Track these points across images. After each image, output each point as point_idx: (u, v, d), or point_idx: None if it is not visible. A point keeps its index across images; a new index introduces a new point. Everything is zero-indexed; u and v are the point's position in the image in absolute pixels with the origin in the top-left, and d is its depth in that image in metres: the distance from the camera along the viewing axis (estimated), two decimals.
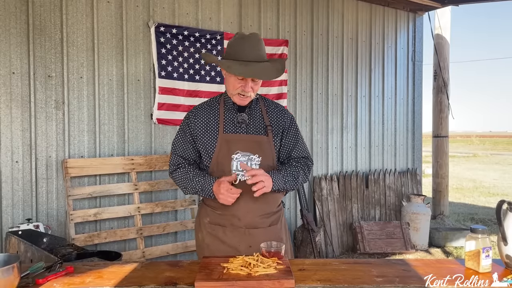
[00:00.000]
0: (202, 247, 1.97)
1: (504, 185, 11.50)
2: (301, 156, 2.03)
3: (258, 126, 1.94)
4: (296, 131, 2.03)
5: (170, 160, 2.01)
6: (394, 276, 1.49)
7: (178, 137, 1.99)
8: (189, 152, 1.96)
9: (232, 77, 1.87)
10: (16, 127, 3.26)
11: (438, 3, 5.70)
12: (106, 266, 1.61)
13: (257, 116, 1.96)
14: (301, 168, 1.97)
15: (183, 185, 1.94)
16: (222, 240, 1.90)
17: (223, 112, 1.94)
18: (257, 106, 1.98)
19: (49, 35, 3.38)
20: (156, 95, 3.82)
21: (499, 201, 1.54)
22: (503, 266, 1.57)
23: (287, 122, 2.00)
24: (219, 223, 1.92)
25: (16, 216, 3.25)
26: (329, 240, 4.85)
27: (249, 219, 1.88)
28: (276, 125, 1.97)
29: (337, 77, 5.15)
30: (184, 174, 1.92)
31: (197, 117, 1.95)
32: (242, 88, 1.85)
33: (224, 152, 1.88)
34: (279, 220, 1.99)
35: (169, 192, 3.91)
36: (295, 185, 1.94)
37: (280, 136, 1.98)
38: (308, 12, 4.88)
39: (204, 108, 1.99)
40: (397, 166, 5.72)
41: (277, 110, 2.01)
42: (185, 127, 1.97)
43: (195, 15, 4.07)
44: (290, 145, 2.00)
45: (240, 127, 1.91)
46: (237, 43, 1.86)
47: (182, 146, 1.97)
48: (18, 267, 1.32)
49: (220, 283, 1.37)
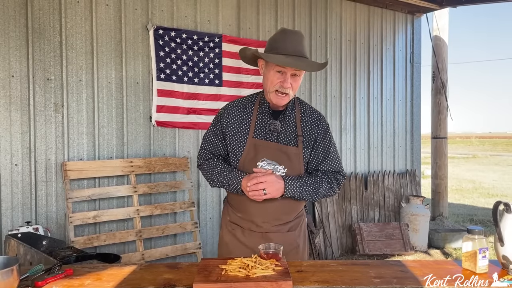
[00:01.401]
0: (221, 244, 1.98)
1: (504, 186, 11.51)
2: (331, 170, 1.91)
3: (290, 136, 1.86)
4: (328, 143, 1.91)
5: (199, 153, 2.01)
6: (391, 277, 1.50)
7: (210, 132, 1.97)
8: (218, 149, 1.94)
9: (270, 72, 1.79)
10: (16, 130, 3.27)
11: (436, 4, 5.72)
12: (105, 269, 1.61)
13: (290, 124, 1.87)
14: (327, 180, 1.86)
15: (210, 178, 1.92)
16: (240, 241, 1.90)
17: (256, 115, 1.88)
18: (292, 113, 1.90)
19: (48, 38, 3.39)
20: (154, 98, 3.83)
21: (496, 202, 1.55)
22: (499, 266, 1.58)
23: (320, 133, 1.89)
24: (238, 223, 1.92)
25: (16, 219, 3.26)
26: (328, 241, 4.85)
27: (268, 227, 1.87)
28: (308, 136, 1.87)
29: (335, 79, 5.17)
30: (213, 167, 1.90)
31: (230, 116, 1.91)
32: (280, 84, 1.77)
33: (251, 156, 1.84)
34: (298, 226, 1.95)
35: (168, 194, 3.92)
36: (314, 196, 1.84)
37: (311, 147, 1.88)
38: (306, 14, 4.90)
39: (239, 106, 1.93)
40: (396, 168, 5.73)
41: (313, 118, 1.91)
42: (217, 123, 1.93)
43: (194, 18, 4.09)
44: (320, 157, 1.90)
45: (272, 134, 1.85)
46: (279, 37, 1.80)
47: (212, 141, 1.95)
48: (17, 270, 1.33)
49: (218, 285, 1.37)
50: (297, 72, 1.79)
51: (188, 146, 4.07)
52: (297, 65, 1.74)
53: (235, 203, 1.93)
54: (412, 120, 5.90)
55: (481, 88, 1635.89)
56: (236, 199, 1.90)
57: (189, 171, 3.97)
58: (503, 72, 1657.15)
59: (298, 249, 1.93)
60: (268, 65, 1.82)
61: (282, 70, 1.77)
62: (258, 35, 4.49)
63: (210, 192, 4.21)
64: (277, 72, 1.78)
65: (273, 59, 1.74)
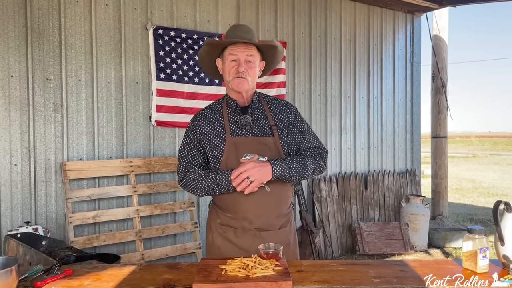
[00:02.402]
0: (213, 249, 1.96)
1: (504, 185, 11.51)
2: (312, 147, 1.98)
3: (263, 127, 1.92)
4: (301, 123, 1.99)
5: (178, 168, 1.98)
6: (391, 277, 1.50)
7: (185, 144, 1.97)
8: (197, 158, 1.94)
9: (226, 63, 1.90)
10: (15, 130, 3.27)
11: (436, 4, 5.71)
12: (105, 269, 1.61)
13: (261, 117, 1.94)
14: (311, 155, 1.92)
15: (196, 187, 1.90)
16: (233, 242, 1.89)
17: (227, 115, 1.93)
18: (259, 106, 1.97)
19: (47, 38, 3.38)
20: (154, 97, 3.82)
21: (496, 201, 1.55)
22: (500, 266, 1.57)
23: (291, 117, 1.97)
24: (230, 224, 1.91)
25: (15, 219, 3.26)
26: (328, 241, 4.85)
27: (260, 222, 1.87)
28: (281, 123, 1.95)
29: (335, 78, 5.16)
30: (196, 176, 1.89)
31: (201, 122, 1.94)
32: (236, 70, 1.87)
33: (232, 155, 1.86)
34: (288, 222, 1.97)
35: (168, 194, 3.92)
36: (303, 172, 1.87)
37: (286, 133, 1.95)
38: (306, 14, 4.90)
39: (208, 112, 1.98)
40: (396, 167, 5.73)
41: (280, 106, 1.99)
42: (191, 133, 1.95)
43: (193, 18, 4.08)
44: (298, 138, 1.96)
45: (245, 129, 1.90)
46: (229, 30, 1.96)
47: (189, 152, 1.95)
48: (16, 270, 1.32)
49: (217, 285, 1.37)
50: (250, 58, 1.88)
51: None
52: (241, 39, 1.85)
53: (224, 204, 1.92)
54: (412, 120, 5.90)
55: (480, 88, 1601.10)
56: (226, 200, 1.90)
57: None
58: (503, 71, 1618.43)
59: (290, 245, 1.93)
60: (223, 60, 1.93)
61: (235, 57, 1.88)
62: (258, 35, 4.48)
63: None
64: (231, 61, 1.89)
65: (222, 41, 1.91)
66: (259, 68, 1.96)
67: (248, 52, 1.88)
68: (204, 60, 2.02)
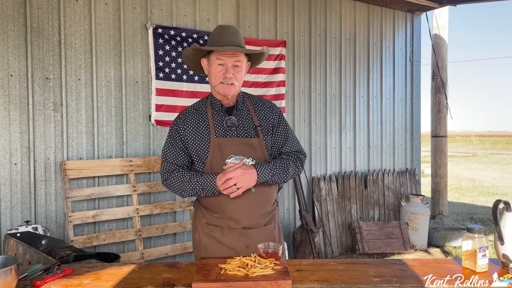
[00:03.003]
0: (200, 248, 1.96)
1: (503, 184, 11.51)
2: (292, 150, 2.02)
3: (248, 128, 1.92)
4: (285, 127, 2.03)
5: (162, 168, 1.97)
6: (391, 276, 1.50)
7: (168, 144, 1.97)
8: (181, 159, 1.94)
9: (212, 66, 1.89)
10: (15, 129, 3.27)
11: (436, 3, 5.71)
12: (104, 268, 1.61)
13: (246, 117, 1.95)
14: (292, 160, 1.96)
15: (180, 189, 1.90)
16: (219, 241, 1.90)
17: (212, 115, 1.93)
18: (244, 106, 1.97)
19: (47, 37, 3.38)
20: (153, 97, 3.82)
21: (495, 200, 1.55)
22: (499, 265, 1.57)
23: (276, 119, 2.00)
24: (216, 224, 1.92)
25: (15, 218, 3.26)
26: (328, 240, 4.85)
27: (247, 221, 1.88)
28: (266, 124, 1.96)
29: (335, 77, 5.16)
30: (180, 178, 1.89)
31: (186, 123, 1.94)
32: (223, 75, 1.86)
33: (217, 156, 1.86)
34: (273, 219, 2.01)
35: (167, 194, 3.91)
36: (285, 177, 1.92)
37: (271, 134, 1.97)
38: (306, 13, 4.89)
39: (191, 112, 1.98)
40: (396, 166, 5.73)
41: (265, 107, 2.01)
42: (175, 133, 1.95)
43: (193, 17, 4.08)
44: (281, 141, 2.00)
45: (231, 130, 1.90)
46: (215, 33, 1.93)
47: (173, 153, 1.94)
48: (15, 269, 1.32)
49: (217, 284, 1.37)
50: (238, 63, 1.88)
51: None
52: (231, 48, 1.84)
53: (210, 205, 1.92)
54: (412, 119, 5.90)
55: (481, 87, 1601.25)
56: (211, 200, 1.90)
57: None
58: (502, 71, 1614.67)
59: (275, 241, 1.95)
60: (209, 62, 1.92)
61: (222, 62, 1.87)
62: (258, 34, 4.48)
63: None
64: (218, 65, 1.87)
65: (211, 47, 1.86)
66: (245, 70, 1.96)
67: (236, 58, 1.88)
68: (188, 58, 2.02)
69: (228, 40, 1.86)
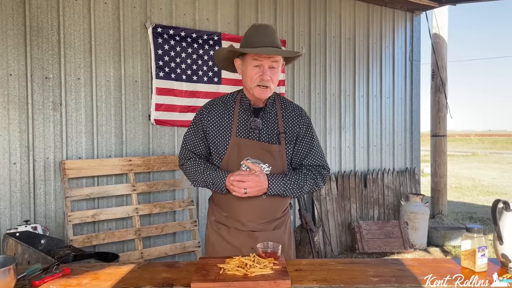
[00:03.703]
0: (208, 244, 1.99)
1: (503, 184, 11.52)
2: (315, 164, 1.94)
3: (271, 133, 1.87)
4: (311, 138, 1.94)
5: (180, 153, 1.99)
6: (390, 276, 1.50)
7: (190, 132, 1.96)
8: (200, 148, 1.93)
9: (248, 68, 1.82)
10: (14, 128, 3.26)
11: (435, 2, 5.70)
12: (103, 268, 1.61)
13: (272, 122, 1.89)
14: (311, 176, 1.89)
15: (192, 177, 1.91)
16: (226, 240, 1.90)
17: (238, 113, 1.89)
18: (272, 109, 1.91)
19: (46, 37, 3.38)
20: (153, 96, 3.82)
21: (495, 200, 1.55)
22: (499, 265, 1.57)
23: (302, 128, 1.92)
24: (224, 223, 1.92)
25: (14, 217, 3.25)
26: (327, 240, 4.85)
27: (254, 225, 1.87)
28: (291, 132, 1.89)
29: (334, 77, 5.16)
30: (195, 167, 1.89)
31: (210, 114, 1.90)
32: (260, 78, 1.79)
33: (234, 155, 1.84)
34: (283, 224, 1.96)
35: (167, 193, 3.91)
36: (298, 193, 1.86)
37: (294, 143, 1.91)
38: (305, 12, 4.89)
39: (219, 105, 1.93)
40: (396, 166, 5.73)
41: (294, 114, 1.93)
42: (198, 122, 1.93)
43: (193, 16, 4.08)
44: (304, 152, 1.92)
45: (253, 132, 1.85)
46: (251, 32, 1.85)
47: (193, 141, 1.94)
48: (14, 269, 1.32)
49: (216, 284, 1.37)
50: (274, 64, 1.82)
51: None
52: (272, 51, 1.77)
53: (220, 203, 1.93)
54: (412, 118, 5.90)
55: (481, 86, 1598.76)
56: (221, 198, 1.90)
57: None
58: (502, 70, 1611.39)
59: (284, 247, 1.92)
60: (245, 62, 1.84)
61: (259, 64, 1.80)
62: None
63: (209, 190, 4.18)
64: (254, 67, 1.81)
65: (254, 50, 1.78)
66: (280, 70, 1.91)
67: (273, 58, 1.81)
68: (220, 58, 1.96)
69: (266, 41, 1.79)
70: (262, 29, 1.84)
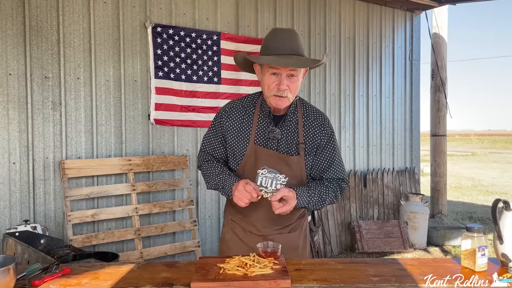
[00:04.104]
0: (223, 241, 1.99)
1: (503, 183, 11.52)
2: (336, 178, 1.86)
3: (290, 144, 1.80)
4: (332, 150, 1.85)
5: (198, 154, 1.98)
6: (390, 275, 1.49)
7: (210, 134, 1.92)
8: (218, 151, 1.90)
9: (265, 75, 1.73)
10: (13, 128, 3.26)
11: (435, 2, 5.70)
12: (103, 267, 1.60)
13: (291, 132, 1.81)
14: (332, 190, 1.82)
15: (207, 180, 1.89)
16: (241, 239, 1.90)
17: (258, 119, 1.82)
18: (293, 118, 1.82)
19: (45, 36, 3.37)
20: (152, 96, 3.81)
21: (495, 199, 1.55)
22: (499, 264, 1.57)
23: (323, 140, 1.83)
24: (239, 223, 1.91)
25: (14, 217, 3.25)
26: (327, 239, 4.85)
27: (268, 230, 1.86)
28: (311, 142, 1.81)
29: (334, 76, 5.16)
30: (210, 170, 1.87)
31: (230, 118, 1.85)
32: (277, 87, 1.70)
33: (251, 162, 1.80)
34: (299, 227, 1.93)
35: (167, 193, 3.91)
36: (319, 206, 1.80)
37: (314, 153, 1.83)
38: (305, 12, 4.88)
39: (239, 108, 1.86)
40: (395, 165, 5.73)
41: (316, 124, 1.83)
42: (217, 125, 1.88)
43: (192, 16, 4.07)
44: (324, 165, 1.84)
45: (271, 142, 1.79)
46: (270, 37, 1.75)
47: (212, 143, 1.91)
48: (14, 269, 1.32)
49: (216, 283, 1.37)
50: (294, 72, 1.71)
51: (187, 144, 4.06)
52: (287, 63, 1.67)
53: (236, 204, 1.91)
54: (411, 118, 5.89)
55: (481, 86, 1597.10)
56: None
57: (187, 169, 3.96)
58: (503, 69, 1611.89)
59: (298, 249, 1.90)
60: (263, 69, 1.76)
61: (276, 71, 1.70)
62: (257, 33, 4.47)
63: (209, 190, 4.20)
64: (272, 74, 1.71)
65: (263, 60, 1.69)
66: (302, 77, 1.80)
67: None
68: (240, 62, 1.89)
69: (284, 47, 1.69)
70: (280, 34, 1.74)
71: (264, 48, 1.75)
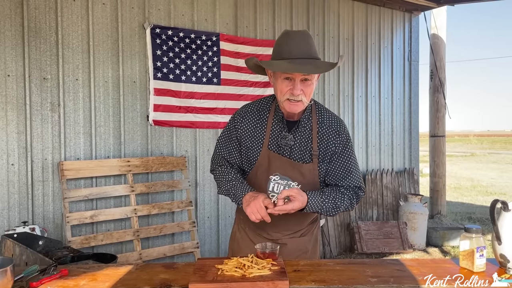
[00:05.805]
0: (234, 239, 1.99)
1: (502, 184, 11.53)
2: (353, 186, 1.81)
3: (304, 151, 1.76)
4: (348, 158, 1.79)
5: (212, 158, 1.94)
6: (388, 276, 1.49)
7: (224, 138, 1.89)
8: (233, 156, 1.87)
9: (278, 80, 1.68)
10: (12, 129, 3.26)
11: (434, 3, 5.71)
12: (101, 269, 1.60)
13: (305, 138, 1.76)
14: (348, 196, 1.77)
15: (219, 184, 1.86)
16: (251, 240, 1.89)
17: (271, 124, 1.78)
18: (307, 124, 1.78)
19: (44, 38, 3.37)
20: (151, 97, 3.81)
21: (493, 200, 1.54)
22: (497, 265, 1.57)
23: (339, 147, 1.78)
24: (249, 225, 1.90)
25: (12, 219, 3.25)
26: (326, 240, 4.85)
27: (277, 236, 1.85)
28: (325, 149, 1.76)
29: (333, 77, 5.16)
30: (222, 175, 1.84)
31: (243, 122, 1.82)
32: (290, 92, 1.65)
33: (264, 167, 1.78)
34: (310, 231, 1.91)
35: (165, 194, 3.91)
36: (333, 212, 1.75)
37: (328, 160, 1.78)
38: (304, 13, 4.89)
39: (253, 112, 1.83)
40: (394, 166, 5.73)
41: (331, 130, 1.78)
42: (232, 129, 1.85)
43: (191, 17, 4.07)
44: (340, 173, 1.79)
45: (284, 149, 1.76)
46: (282, 40, 1.69)
47: (226, 147, 1.88)
48: (11, 270, 1.32)
49: (214, 285, 1.37)
50: (308, 76, 1.65)
51: (186, 145, 4.06)
52: (302, 69, 1.61)
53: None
54: (410, 119, 5.90)
55: (480, 86, 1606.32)
56: None
57: (186, 171, 3.96)
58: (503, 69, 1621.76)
59: (306, 254, 1.88)
60: (275, 73, 1.71)
61: (290, 76, 1.65)
62: (256, 34, 4.47)
63: (208, 191, 4.20)
64: (285, 79, 1.66)
65: (275, 67, 1.65)
66: (317, 79, 1.74)
67: None
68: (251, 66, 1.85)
69: (299, 52, 1.63)
70: (293, 37, 1.67)
71: (276, 52, 1.70)
